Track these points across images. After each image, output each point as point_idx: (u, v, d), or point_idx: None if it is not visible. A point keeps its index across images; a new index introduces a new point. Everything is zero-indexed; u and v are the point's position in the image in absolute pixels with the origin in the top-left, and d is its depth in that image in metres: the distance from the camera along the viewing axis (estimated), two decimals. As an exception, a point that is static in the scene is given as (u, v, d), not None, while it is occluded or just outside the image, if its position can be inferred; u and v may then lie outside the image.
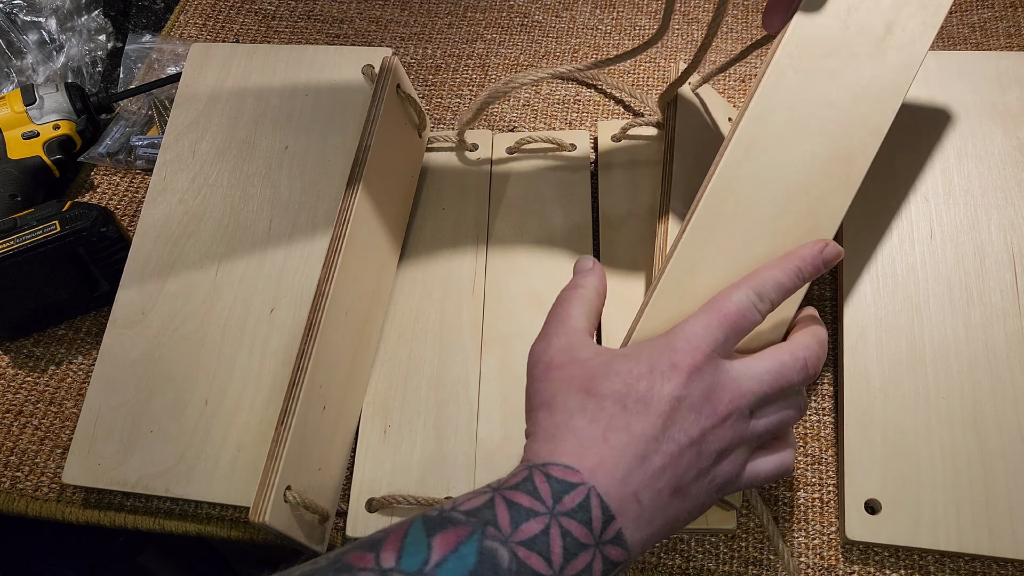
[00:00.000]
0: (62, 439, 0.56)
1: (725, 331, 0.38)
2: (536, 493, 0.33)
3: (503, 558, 0.31)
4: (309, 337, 0.47)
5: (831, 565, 0.48)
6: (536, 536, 0.32)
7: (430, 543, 0.31)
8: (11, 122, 0.64)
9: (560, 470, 0.34)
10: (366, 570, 0.30)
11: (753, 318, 0.39)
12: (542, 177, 0.62)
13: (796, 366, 0.39)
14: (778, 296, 0.39)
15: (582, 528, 0.33)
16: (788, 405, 0.39)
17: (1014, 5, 0.71)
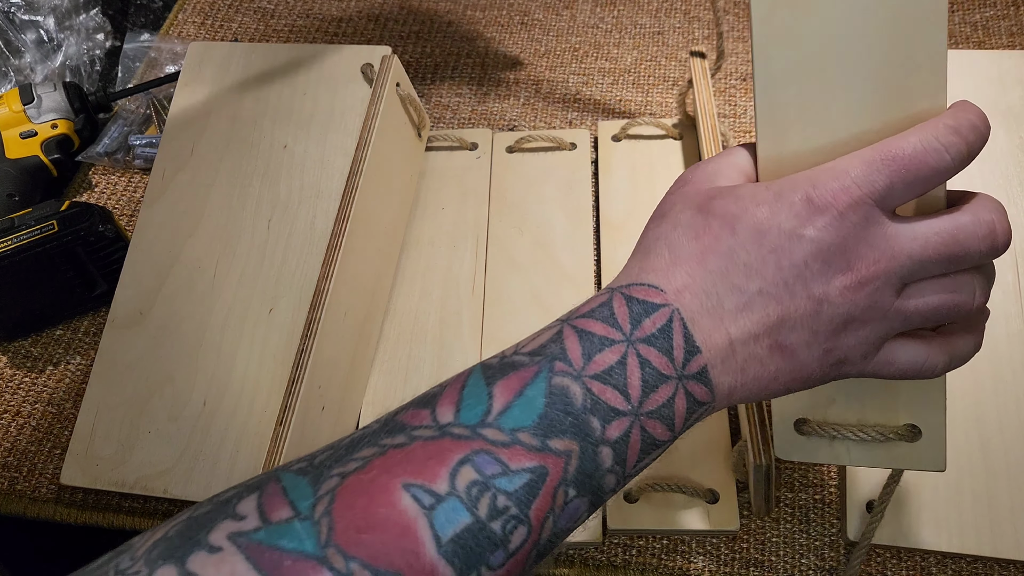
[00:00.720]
0: (60, 440, 0.55)
1: (891, 174, 0.29)
2: (612, 319, 0.29)
3: (575, 396, 0.28)
4: (308, 337, 0.47)
5: (832, 567, 0.48)
6: (612, 367, 0.28)
7: (491, 391, 0.28)
8: (9, 121, 0.64)
9: (643, 290, 0.30)
10: (422, 427, 0.28)
11: (940, 163, 0.29)
12: (542, 177, 0.62)
13: (979, 231, 0.30)
14: (975, 140, 0.30)
15: (662, 357, 0.29)
16: (957, 286, 0.30)
17: (1016, 4, 0.70)
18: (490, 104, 0.70)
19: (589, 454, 0.28)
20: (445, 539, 0.25)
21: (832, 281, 0.29)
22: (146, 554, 0.25)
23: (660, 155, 0.62)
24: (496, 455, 0.27)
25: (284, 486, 0.27)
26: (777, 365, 0.30)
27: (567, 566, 0.49)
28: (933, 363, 0.32)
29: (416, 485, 0.26)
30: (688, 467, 0.49)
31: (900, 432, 0.36)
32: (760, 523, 0.49)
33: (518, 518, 0.27)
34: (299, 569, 0.24)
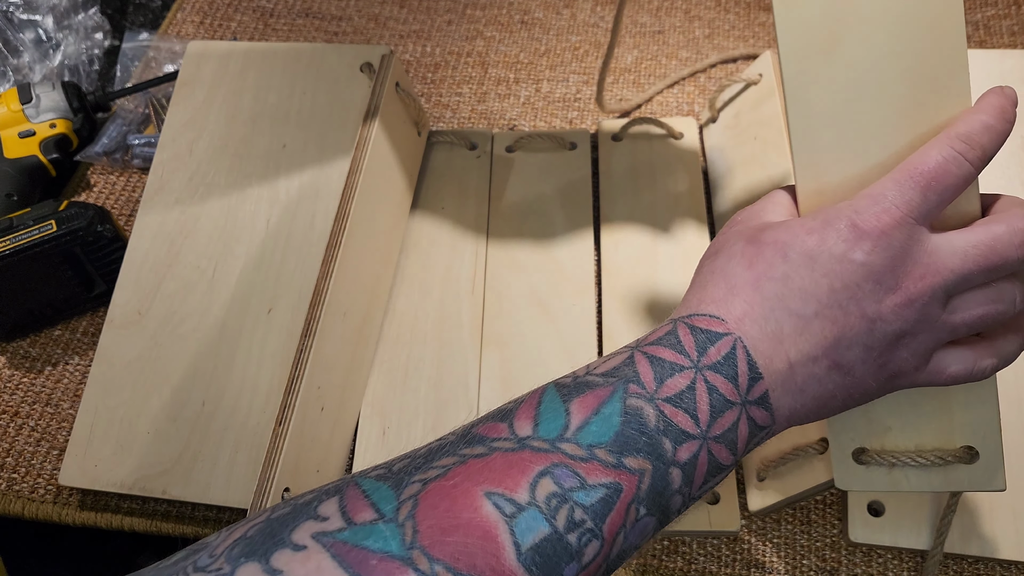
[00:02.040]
0: (59, 440, 0.55)
1: (922, 189, 0.31)
2: (680, 346, 0.31)
3: (649, 417, 0.29)
4: (307, 337, 0.47)
5: (833, 567, 0.48)
6: (682, 392, 0.30)
7: (567, 408, 0.29)
8: (7, 121, 0.64)
9: (705, 320, 0.31)
10: (500, 439, 0.29)
11: (961, 169, 0.31)
12: (542, 176, 0.62)
13: (1014, 240, 0.31)
14: (989, 140, 0.32)
15: (728, 384, 0.30)
16: (998, 296, 0.32)
17: (1018, 3, 0.70)
18: (490, 104, 0.70)
19: (661, 474, 0.29)
20: (525, 547, 0.26)
21: (883, 300, 0.31)
22: (226, 552, 0.26)
23: (660, 155, 0.62)
24: (574, 469, 0.28)
25: (365, 490, 0.28)
26: (835, 383, 0.32)
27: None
28: (982, 366, 0.33)
29: (497, 494, 0.27)
30: (689, 468, 0.49)
31: (957, 454, 0.37)
32: (761, 524, 0.49)
33: (593, 532, 0.28)
34: (385, 568, 0.25)
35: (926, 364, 0.33)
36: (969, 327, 0.32)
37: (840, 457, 0.38)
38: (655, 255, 0.57)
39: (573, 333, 0.54)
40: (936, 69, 0.33)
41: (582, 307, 0.55)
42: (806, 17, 0.33)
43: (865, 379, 0.32)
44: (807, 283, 0.31)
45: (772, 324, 0.31)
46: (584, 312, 0.55)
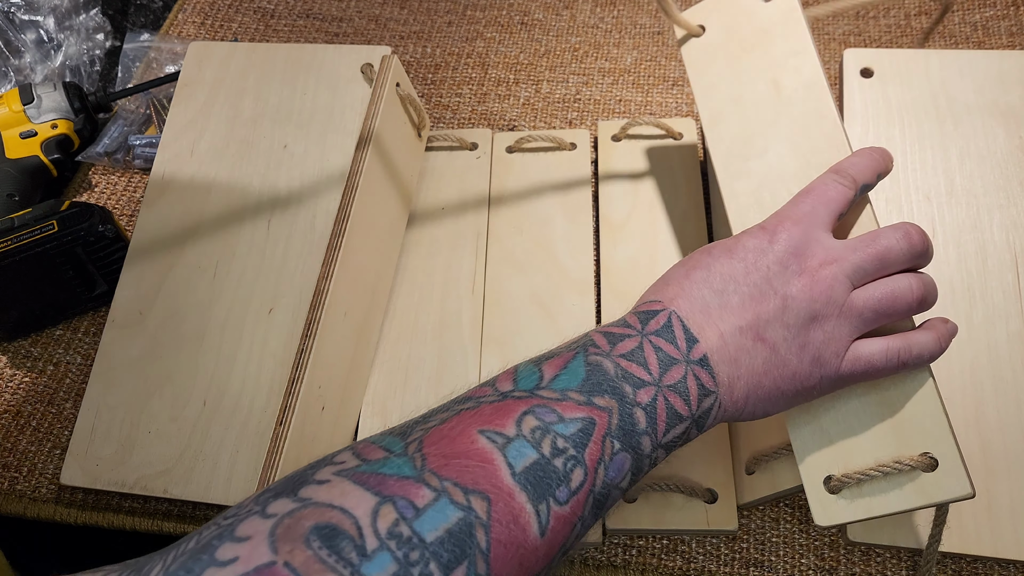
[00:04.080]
0: (60, 440, 0.55)
1: (811, 201, 0.39)
2: (625, 323, 0.37)
3: (608, 368, 0.34)
4: (308, 337, 0.47)
5: (832, 566, 0.48)
6: (633, 350, 0.35)
7: (540, 368, 0.35)
8: (9, 121, 0.64)
9: (645, 304, 0.38)
10: (486, 396, 0.34)
11: (837, 189, 0.40)
12: (542, 177, 0.62)
13: (895, 234, 0.38)
14: (856, 171, 0.41)
15: (670, 345, 0.35)
16: (895, 281, 0.38)
17: (1016, 4, 0.70)
18: (490, 104, 0.70)
19: (627, 412, 0.34)
20: (518, 469, 0.31)
21: (791, 281, 0.37)
22: (253, 500, 0.30)
23: (660, 154, 0.62)
24: (552, 407, 0.33)
25: (373, 441, 0.32)
26: (763, 358, 0.37)
27: (567, 566, 0.49)
28: (895, 349, 0.38)
29: (489, 430, 0.32)
30: (687, 467, 0.49)
31: (916, 462, 0.38)
32: (760, 523, 0.49)
33: (576, 459, 0.32)
34: (402, 486, 0.29)
35: (844, 352, 0.37)
36: (874, 311, 0.37)
37: (813, 491, 0.40)
38: (655, 255, 0.57)
39: (573, 333, 0.54)
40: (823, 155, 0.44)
41: (582, 307, 0.55)
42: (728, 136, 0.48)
43: (790, 359, 0.37)
44: (726, 268, 0.38)
45: (699, 301, 0.37)
46: (584, 312, 0.55)
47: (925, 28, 0.66)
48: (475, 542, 0.29)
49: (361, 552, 0.27)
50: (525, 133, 0.64)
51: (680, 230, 0.58)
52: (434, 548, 0.28)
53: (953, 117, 0.56)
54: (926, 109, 0.56)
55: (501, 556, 0.29)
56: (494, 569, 0.29)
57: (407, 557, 0.28)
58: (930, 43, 0.70)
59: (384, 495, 0.29)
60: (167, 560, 0.28)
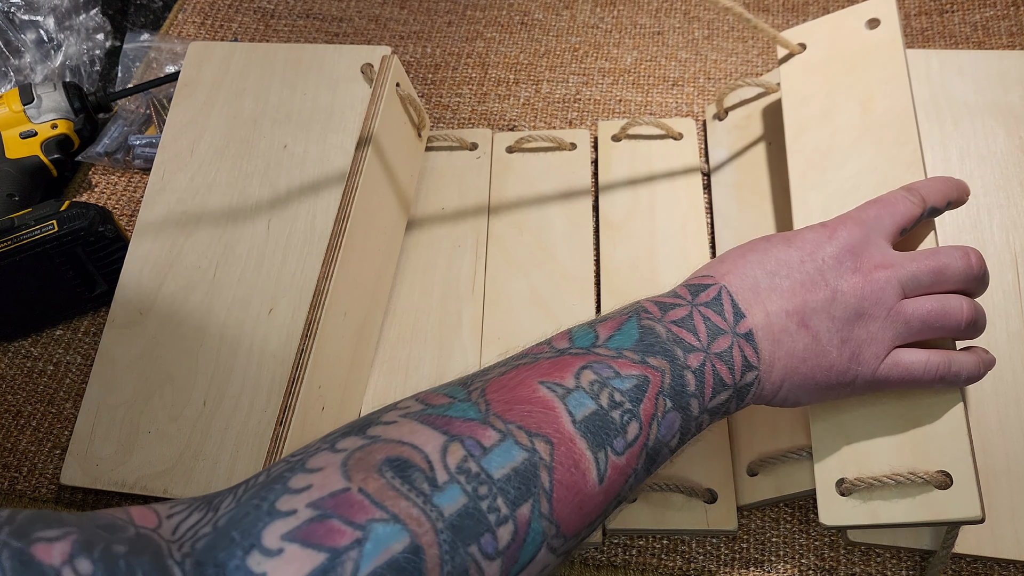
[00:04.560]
0: (60, 440, 0.55)
1: (877, 209, 0.40)
2: (676, 294, 0.38)
3: (660, 332, 0.36)
4: (308, 337, 0.47)
5: (832, 567, 0.48)
6: (683, 318, 0.36)
7: (595, 330, 0.36)
8: (9, 121, 0.64)
9: (697, 278, 0.39)
10: (543, 353, 0.35)
11: (906, 205, 0.40)
12: (542, 177, 0.62)
13: (955, 253, 0.39)
14: (927, 192, 0.41)
15: (718, 316, 0.37)
16: (946, 300, 0.38)
17: (1016, 4, 0.70)
18: (490, 104, 0.70)
19: (678, 374, 0.35)
20: (578, 418, 0.32)
21: (844, 276, 0.37)
22: (320, 440, 0.31)
23: (660, 155, 0.62)
24: (609, 364, 0.34)
25: (435, 390, 0.33)
26: (804, 343, 0.37)
27: (567, 566, 0.49)
28: (934, 363, 0.38)
29: (549, 381, 0.33)
30: (686, 467, 0.49)
31: (931, 477, 0.38)
32: (760, 523, 0.49)
33: (632, 412, 0.33)
34: (468, 427, 0.30)
35: (884, 356, 0.38)
36: (921, 321, 0.38)
37: (824, 490, 0.40)
38: (655, 255, 0.57)
39: (573, 333, 0.54)
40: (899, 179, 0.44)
41: (582, 307, 0.55)
42: (810, 148, 0.49)
43: (830, 350, 0.37)
44: (782, 254, 0.38)
45: (750, 279, 0.38)
46: (584, 312, 0.55)
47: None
48: (539, 482, 0.30)
49: (432, 483, 0.28)
50: (525, 133, 0.64)
51: (680, 230, 0.58)
52: (501, 484, 0.29)
53: (953, 117, 0.56)
54: (926, 109, 0.56)
55: (563, 498, 0.31)
56: (556, 510, 0.30)
57: (476, 491, 0.29)
58: (930, 43, 0.70)
59: (452, 434, 0.30)
60: (238, 492, 0.29)
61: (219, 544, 0.26)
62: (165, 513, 0.28)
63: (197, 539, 0.27)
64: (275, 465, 0.30)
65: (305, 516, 0.27)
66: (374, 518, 0.27)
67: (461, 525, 0.28)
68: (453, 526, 0.28)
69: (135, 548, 0.25)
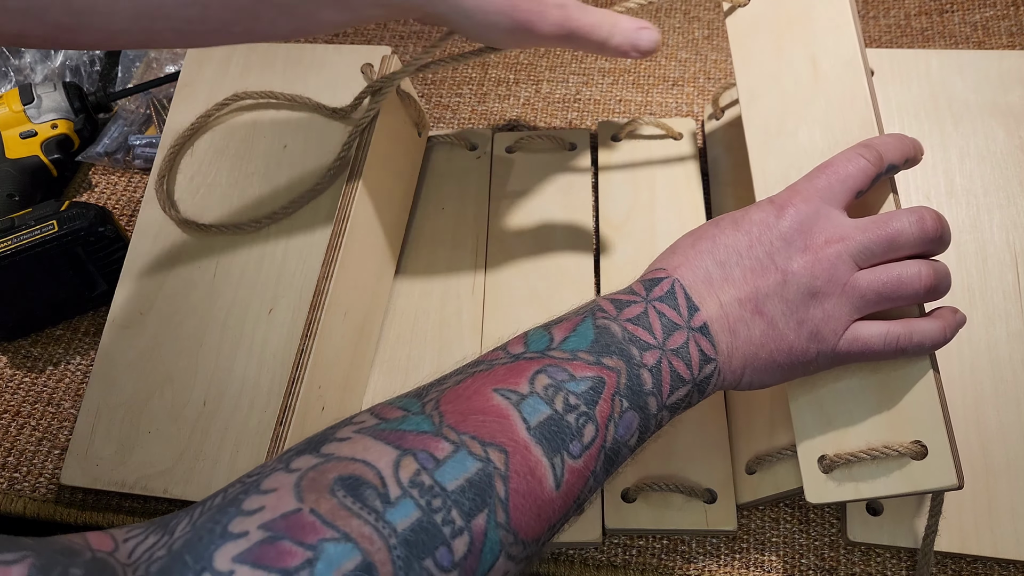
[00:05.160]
0: (60, 440, 0.55)
1: (827, 177, 0.39)
2: (632, 291, 0.38)
3: (616, 331, 0.36)
4: (308, 337, 0.47)
5: (832, 567, 0.48)
6: (638, 316, 0.36)
7: (551, 332, 0.36)
8: (9, 121, 0.64)
9: (651, 272, 0.39)
10: (498, 359, 0.35)
11: (858, 164, 0.39)
12: (542, 176, 0.62)
13: (908, 217, 0.37)
14: (884, 148, 0.39)
15: (673, 311, 0.37)
16: (903, 266, 0.37)
17: (1016, 4, 0.70)
18: (490, 104, 0.70)
19: (634, 373, 0.35)
20: (533, 424, 0.32)
21: (794, 257, 0.37)
22: (276, 460, 0.31)
23: (660, 155, 0.62)
24: (563, 367, 0.34)
25: (391, 402, 0.34)
26: (761, 330, 0.37)
27: (567, 566, 0.49)
28: (895, 334, 0.38)
29: (503, 388, 0.33)
30: (686, 467, 0.49)
31: (907, 448, 0.38)
32: (760, 523, 0.49)
33: (588, 415, 0.33)
34: (422, 440, 0.30)
35: (843, 332, 0.37)
36: (877, 293, 0.37)
37: (807, 468, 0.41)
38: (654, 255, 0.56)
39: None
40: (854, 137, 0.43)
41: (582, 307, 0.55)
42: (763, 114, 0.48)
43: (787, 333, 0.37)
44: (731, 240, 0.38)
45: (702, 271, 0.38)
46: (584, 312, 0.55)
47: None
48: (494, 491, 0.30)
49: (385, 500, 0.28)
50: (525, 133, 0.64)
51: (680, 230, 0.58)
52: (455, 496, 0.29)
53: (953, 117, 0.56)
54: (926, 109, 0.56)
55: (520, 506, 0.31)
56: (513, 518, 0.30)
57: (430, 504, 0.29)
58: (930, 43, 0.70)
59: (404, 448, 0.30)
60: (194, 515, 0.29)
61: (172, 568, 0.26)
62: (122, 537, 0.28)
63: (152, 562, 0.27)
64: (231, 486, 0.30)
65: (256, 538, 0.27)
66: (325, 538, 0.27)
67: (415, 540, 0.28)
68: (407, 541, 0.28)
69: (91, 572, 0.25)
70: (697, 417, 0.50)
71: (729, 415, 0.51)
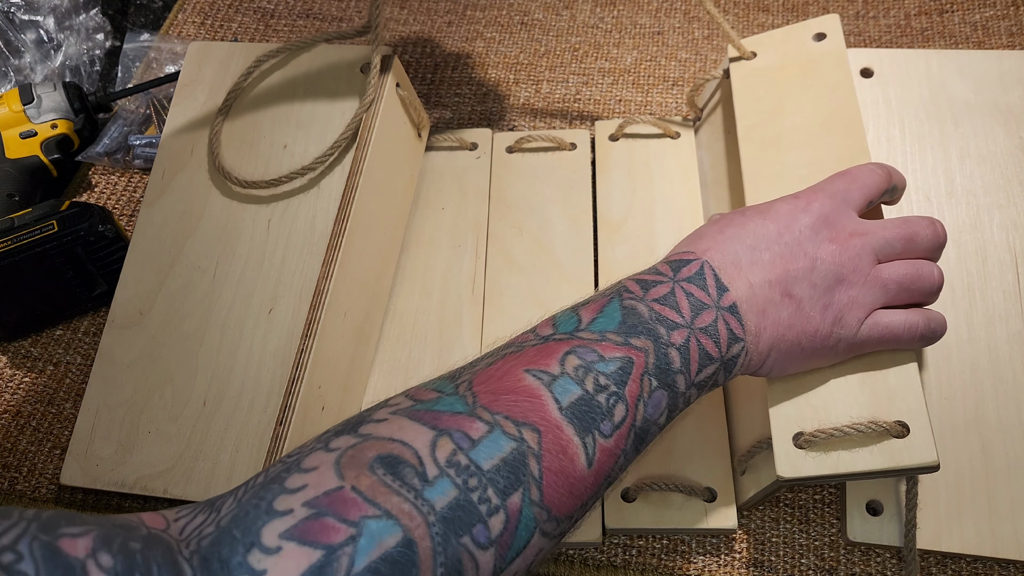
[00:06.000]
0: (60, 440, 0.55)
1: (846, 181, 0.41)
2: (658, 271, 0.39)
3: (643, 312, 0.36)
4: (308, 337, 0.47)
5: (832, 567, 0.48)
6: (665, 295, 0.37)
7: (578, 314, 0.37)
8: (9, 121, 0.64)
9: (678, 255, 0.39)
10: (528, 341, 0.36)
11: (874, 177, 0.42)
12: (542, 177, 0.62)
13: (923, 222, 0.41)
14: (891, 169, 0.43)
15: (701, 291, 0.37)
16: (919, 265, 0.40)
17: (1016, 4, 0.70)
18: (490, 104, 0.70)
19: (662, 352, 0.35)
20: (564, 404, 0.33)
21: (822, 245, 0.39)
22: (315, 440, 0.31)
23: (657, 154, 0.62)
24: (592, 348, 0.35)
25: (425, 385, 0.34)
26: (789, 312, 0.38)
27: (567, 566, 0.49)
28: (913, 321, 0.40)
29: (535, 369, 0.34)
30: (685, 466, 0.49)
31: (889, 427, 0.39)
32: (760, 523, 0.49)
33: (617, 395, 0.34)
34: (456, 420, 0.31)
35: (865, 319, 0.39)
36: (898, 284, 0.39)
37: (781, 444, 0.41)
38: (653, 255, 0.57)
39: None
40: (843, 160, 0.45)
41: (582, 307, 0.55)
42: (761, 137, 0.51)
43: (813, 316, 0.38)
44: (759, 228, 0.39)
45: (731, 255, 0.39)
46: (584, 312, 0.55)
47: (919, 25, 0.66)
48: (528, 470, 0.31)
49: (423, 478, 0.29)
50: (525, 133, 0.64)
51: (678, 229, 0.58)
52: (491, 475, 0.30)
53: (953, 117, 0.56)
54: (926, 109, 0.56)
55: (553, 484, 0.31)
56: (547, 496, 0.31)
57: (466, 483, 0.29)
58: (930, 43, 0.70)
59: (440, 428, 0.31)
60: (239, 494, 0.30)
61: (222, 541, 0.27)
62: (172, 517, 0.30)
63: (203, 537, 0.28)
64: (273, 466, 0.31)
65: (301, 515, 0.28)
66: (367, 515, 0.28)
67: (452, 517, 0.29)
68: (445, 518, 0.29)
69: (149, 544, 0.27)
70: (697, 417, 0.51)
71: (729, 415, 0.51)
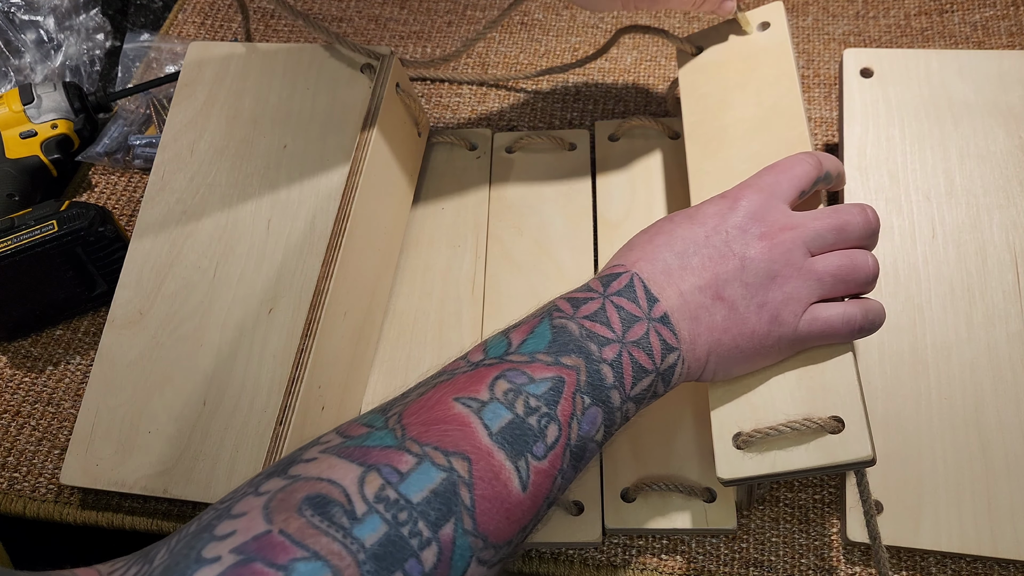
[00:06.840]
0: (60, 440, 0.56)
1: (775, 174, 0.41)
2: (589, 288, 0.38)
3: (573, 329, 0.36)
4: (307, 337, 0.47)
5: (832, 566, 0.48)
6: (596, 312, 0.37)
7: (508, 337, 0.37)
8: (9, 121, 0.64)
9: (608, 269, 0.39)
10: (459, 368, 0.36)
11: (804, 166, 0.41)
12: (542, 177, 0.62)
13: (854, 210, 0.40)
14: (823, 157, 0.42)
15: (632, 304, 0.37)
16: (852, 255, 0.39)
17: (1016, 4, 0.70)
18: (490, 104, 0.70)
19: (594, 369, 0.35)
20: (494, 430, 0.32)
21: (751, 244, 0.39)
22: (247, 484, 0.31)
23: (656, 154, 0.62)
24: (522, 370, 0.34)
25: (356, 420, 0.34)
26: (723, 315, 0.38)
27: (567, 566, 0.49)
28: (851, 312, 0.39)
29: (464, 397, 0.33)
30: (685, 466, 0.49)
31: (824, 423, 0.39)
32: (760, 522, 0.49)
33: (549, 416, 0.34)
34: (385, 455, 0.31)
35: (802, 314, 0.39)
36: (832, 276, 0.39)
37: (720, 445, 0.41)
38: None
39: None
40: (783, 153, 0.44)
41: (582, 307, 0.55)
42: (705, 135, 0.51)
43: (748, 317, 0.38)
44: (687, 232, 0.39)
45: (661, 263, 0.39)
46: (584, 312, 0.55)
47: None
48: (460, 500, 0.30)
49: (352, 516, 0.29)
50: (525, 133, 0.64)
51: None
52: (421, 508, 0.30)
53: (953, 117, 0.56)
54: (926, 109, 0.56)
55: (486, 511, 0.31)
56: (480, 524, 0.31)
57: (396, 518, 0.29)
58: (930, 43, 0.70)
59: (368, 464, 0.30)
60: (171, 543, 0.29)
61: None
62: (106, 571, 0.29)
63: None
64: (204, 513, 0.31)
65: (229, 561, 0.27)
66: (296, 557, 0.27)
67: (383, 553, 0.28)
68: (375, 555, 0.28)
69: None
70: (696, 417, 0.51)
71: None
